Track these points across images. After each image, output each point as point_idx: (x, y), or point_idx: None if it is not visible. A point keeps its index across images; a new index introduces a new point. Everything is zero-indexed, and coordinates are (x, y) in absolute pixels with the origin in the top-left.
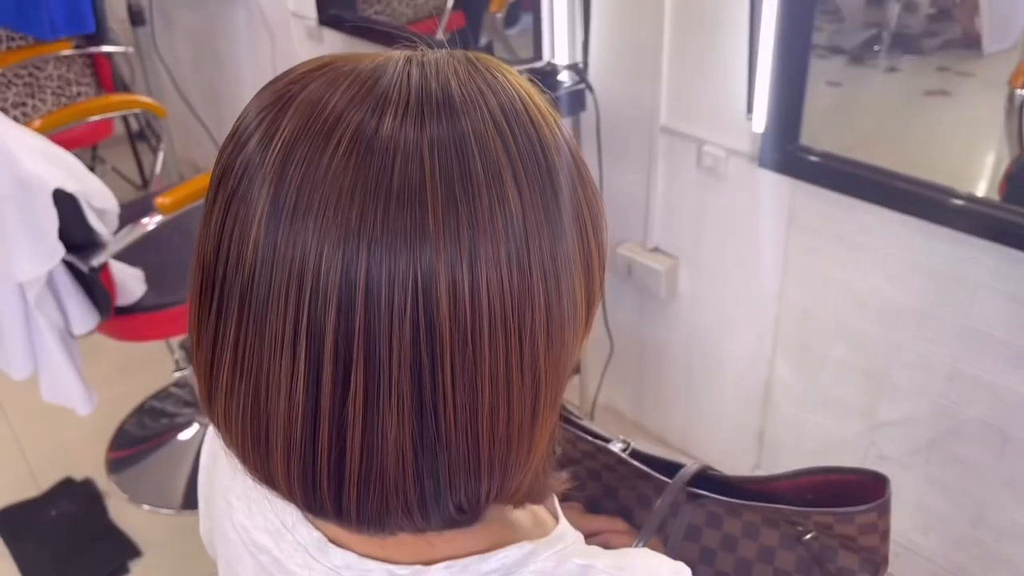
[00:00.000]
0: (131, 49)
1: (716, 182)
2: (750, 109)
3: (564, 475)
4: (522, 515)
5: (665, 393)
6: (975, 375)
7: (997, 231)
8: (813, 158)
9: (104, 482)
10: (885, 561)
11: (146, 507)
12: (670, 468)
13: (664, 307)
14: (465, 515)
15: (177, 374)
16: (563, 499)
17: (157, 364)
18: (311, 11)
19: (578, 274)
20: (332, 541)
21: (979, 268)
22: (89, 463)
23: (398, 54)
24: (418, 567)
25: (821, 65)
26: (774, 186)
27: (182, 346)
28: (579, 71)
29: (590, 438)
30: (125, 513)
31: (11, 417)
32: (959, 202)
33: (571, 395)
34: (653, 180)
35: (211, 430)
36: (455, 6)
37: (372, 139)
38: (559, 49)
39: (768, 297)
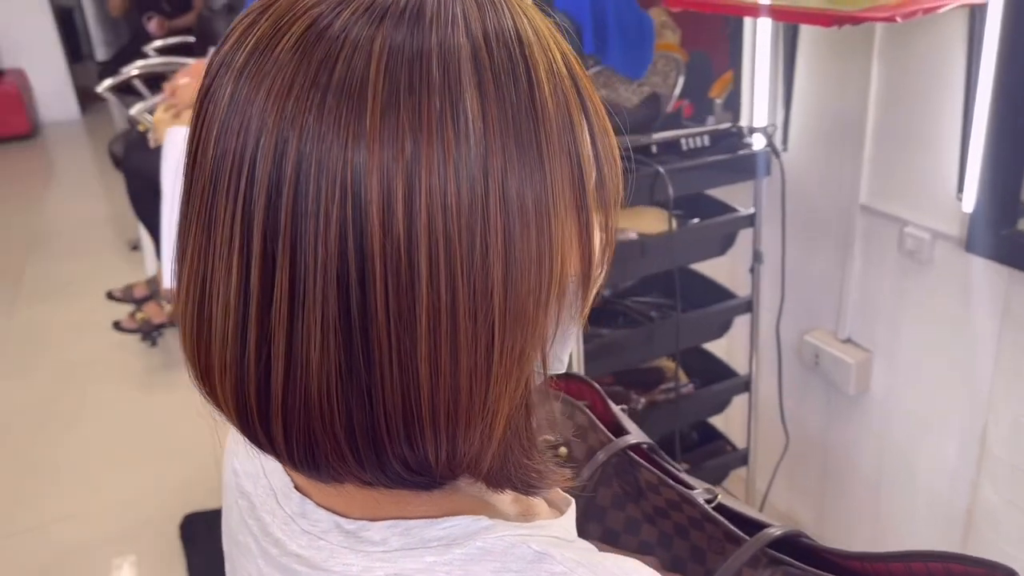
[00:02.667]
0: None
1: (919, 268)
2: (961, 188)
3: (567, 471)
4: (508, 503)
5: (851, 505)
6: None
7: None
8: None
9: None
10: None
11: None
12: (760, 529)
13: (853, 405)
14: (417, 476)
15: None
16: (640, 550)
17: None
18: None
19: (564, 220)
20: (297, 488)
21: None
22: None
23: None
24: (364, 522)
25: None
26: (986, 275)
27: None
28: (767, 134)
29: (672, 482)
30: None
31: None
32: None
33: (736, 487)
34: (849, 263)
35: None
36: (681, 95)
37: (323, 31)
38: (758, 115)
39: (975, 404)
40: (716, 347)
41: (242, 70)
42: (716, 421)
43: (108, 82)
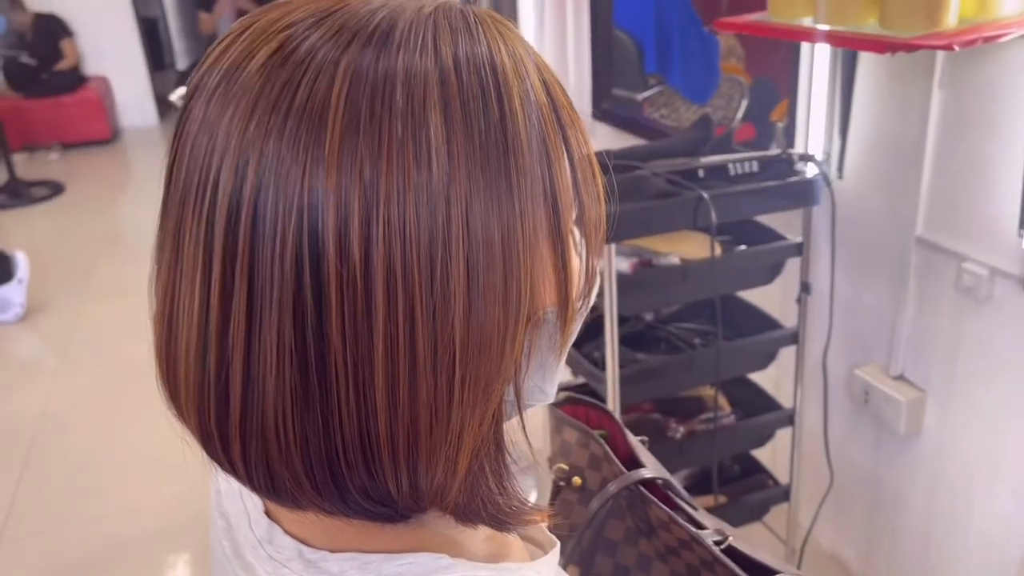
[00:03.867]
0: None
1: (976, 306)
2: (1023, 224)
3: (545, 509)
4: (480, 542)
5: (899, 549)
6: None
7: None
8: None
9: None
10: None
11: None
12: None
13: (904, 446)
14: (380, 507)
15: None
16: None
17: None
18: (585, 105)
19: (535, 252)
20: (267, 513)
21: None
22: None
23: None
24: (325, 553)
25: None
26: None
27: None
28: (817, 163)
29: (682, 520)
30: None
31: None
32: None
33: (777, 523)
34: (903, 297)
35: None
36: (744, 117)
37: (290, 54)
38: (813, 141)
39: None
40: (764, 379)
41: (214, 91)
42: (763, 455)
43: (181, 91)
